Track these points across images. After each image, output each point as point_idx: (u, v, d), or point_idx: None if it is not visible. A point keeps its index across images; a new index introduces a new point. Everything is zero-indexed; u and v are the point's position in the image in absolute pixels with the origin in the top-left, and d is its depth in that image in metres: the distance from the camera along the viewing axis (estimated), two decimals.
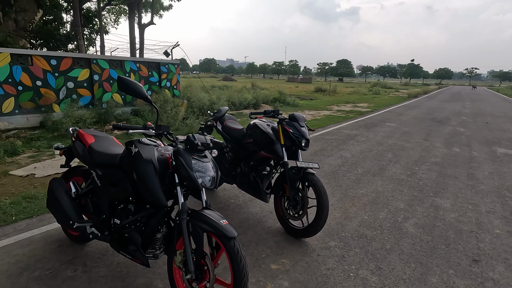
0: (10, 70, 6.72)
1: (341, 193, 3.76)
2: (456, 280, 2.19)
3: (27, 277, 2.07)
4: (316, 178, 2.56)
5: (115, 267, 2.22)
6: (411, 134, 7.94)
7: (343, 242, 2.65)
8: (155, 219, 1.86)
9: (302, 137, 2.67)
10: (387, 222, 3.04)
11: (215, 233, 1.63)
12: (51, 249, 2.42)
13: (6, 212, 3.02)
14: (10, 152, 5.06)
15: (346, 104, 15.87)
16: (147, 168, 1.73)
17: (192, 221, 1.68)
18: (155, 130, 1.81)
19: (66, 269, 2.18)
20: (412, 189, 3.98)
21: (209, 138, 1.88)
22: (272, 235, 2.74)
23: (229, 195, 3.64)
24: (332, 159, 5.26)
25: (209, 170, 1.78)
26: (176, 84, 10.59)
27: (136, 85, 1.76)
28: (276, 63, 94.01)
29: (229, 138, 3.30)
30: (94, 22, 13.98)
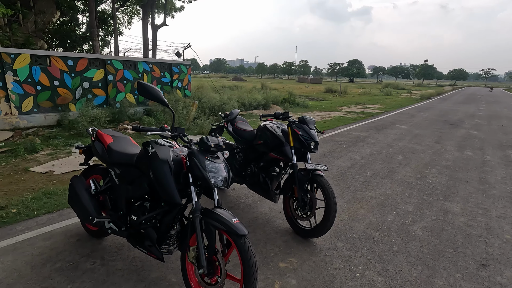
0: (30, 70, 6.99)
1: (350, 195, 3.80)
2: (463, 284, 2.21)
3: (50, 268, 2.21)
4: (325, 180, 2.62)
5: (131, 261, 2.33)
6: (423, 136, 7.86)
7: (350, 243, 2.70)
8: (170, 217, 1.97)
9: (311, 139, 2.73)
10: (395, 225, 3.06)
11: (226, 230, 1.71)
12: (71, 242, 2.55)
13: (28, 207, 3.19)
14: (29, 150, 5.29)
15: (356, 105, 15.75)
16: (163, 168, 1.83)
17: (205, 219, 1.77)
18: (171, 132, 1.91)
19: (85, 261, 2.30)
20: (422, 192, 3.98)
21: (222, 140, 1.97)
22: (281, 235, 2.81)
23: (239, 194, 3.73)
24: (341, 161, 5.29)
25: (221, 170, 1.87)
26: (187, 85, 10.77)
27: (154, 90, 1.87)
28: (286, 63, 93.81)
29: (240, 139, 3.39)
30: (109, 24, 14.34)
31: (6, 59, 6.62)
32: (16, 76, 6.81)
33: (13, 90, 6.80)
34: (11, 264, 2.23)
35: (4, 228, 2.74)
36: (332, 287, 2.12)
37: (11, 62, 6.69)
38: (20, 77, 6.86)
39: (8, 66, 6.66)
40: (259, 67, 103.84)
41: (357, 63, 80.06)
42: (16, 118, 6.95)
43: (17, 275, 2.12)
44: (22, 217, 2.96)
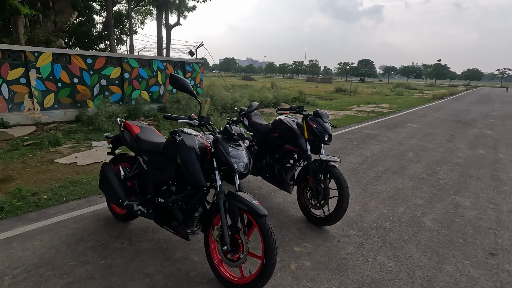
0: (52, 68, 7.31)
1: (361, 189, 3.90)
2: (471, 270, 2.30)
3: (83, 246, 2.41)
4: (338, 170, 2.74)
5: (156, 242, 2.51)
6: (434, 135, 7.85)
7: (362, 231, 2.81)
8: (195, 199, 2.13)
9: (325, 132, 2.86)
10: (406, 216, 3.16)
11: (248, 211, 1.86)
12: (100, 225, 2.76)
13: (57, 193, 3.42)
14: (53, 143, 5.57)
15: (367, 105, 15.70)
16: (190, 154, 1.99)
17: (228, 201, 1.93)
18: (198, 120, 2.07)
19: (114, 242, 2.50)
20: (432, 187, 4.05)
21: (243, 130, 2.13)
22: (295, 223, 2.95)
23: (253, 186, 3.88)
24: (352, 157, 5.38)
25: (243, 157, 2.02)
26: (200, 83, 10.99)
27: (185, 82, 2.03)
28: (296, 62, 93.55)
29: (255, 132, 3.54)
30: (124, 23, 14.72)
31: (30, 57, 6.95)
32: (39, 73, 7.14)
33: (36, 87, 7.14)
34: (49, 242, 2.44)
35: (38, 212, 2.97)
36: (345, 269, 2.25)
37: (34, 60, 7.02)
38: (42, 74, 7.19)
39: (32, 64, 7.00)
40: (268, 66, 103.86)
41: (367, 62, 79.18)
42: (39, 113, 7.29)
43: (55, 251, 2.32)
44: (53, 202, 3.19)
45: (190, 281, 2.07)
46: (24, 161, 4.63)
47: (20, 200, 3.15)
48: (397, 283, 2.12)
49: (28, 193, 3.34)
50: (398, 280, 2.15)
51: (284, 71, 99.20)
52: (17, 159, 4.67)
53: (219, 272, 2.03)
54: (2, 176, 3.99)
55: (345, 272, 2.22)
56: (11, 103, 6.88)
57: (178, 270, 2.17)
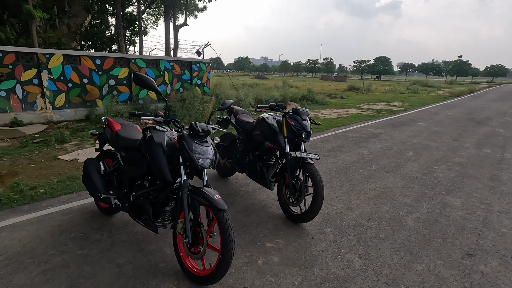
0: (62, 69, 7.66)
1: (349, 187, 3.87)
2: (442, 270, 2.26)
3: (65, 237, 2.55)
4: (314, 167, 2.74)
5: (134, 235, 2.62)
6: (441, 134, 7.60)
7: (338, 229, 2.81)
8: (164, 194, 2.22)
9: (303, 129, 2.87)
10: (388, 215, 3.12)
11: (208, 205, 1.92)
12: (85, 217, 2.90)
13: (53, 188, 3.61)
14: (59, 140, 5.85)
15: (378, 103, 15.37)
16: (157, 150, 2.08)
17: (191, 195, 2.00)
18: (163, 117, 2.15)
19: (95, 233, 2.63)
20: (424, 186, 3.95)
21: (210, 126, 2.18)
22: (273, 219, 2.98)
23: (240, 183, 3.93)
24: (348, 156, 5.32)
25: (208, 153, 2.08)
26: (206, 82, 11.14)
27: (149, 80, 2.11)
28: (310, 61, 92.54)
29: (241, 130, 3.59)
30: (136, 25, 15.13)
31: (42, 58, 7.31)
32: (50, 74, 7.49)
33: (48, 87, 7.50)
34: (35, 232, 2.60)
35: (32, 204, 3.16)
36: (311, 265, 2.26)
37: (46, 61, 7.38)
38: (54, 75, 7.54)
39: (44, 65, 7.35)
40: (282, 65, 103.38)
41: (384, 60, 77.12)
42: (50, 112, 7.65)
43: (38, 241, 2.48)
44: (47, 196, 3.38)
45: (157, 272, 2.15)
46: (30, 157, 4.90)
47: (18, 193, 3.36)
48: (361, 280, 2.11)
49: (26, 187, 3.55)
50: (363, 278, 2.14)
51: (298, 70, 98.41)
52: (24, 156, 4.94)
53: (184, 264, 2.11)
54: (7, 170, 4.25)
55: (311, 268, 2.23)
56: (25, 103, 7.26)
57: (148, 261, 2.26)
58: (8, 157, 4.85)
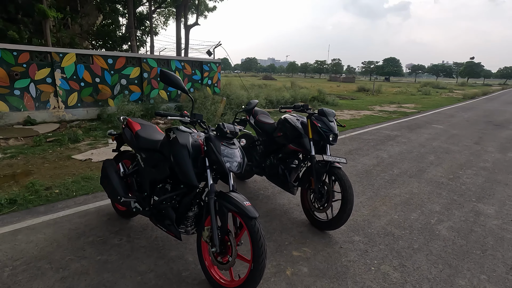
0: (75, 68, 7.65)
1: (372, 192, 3.70)
2: (488, 286, 2.08)
3: (83, 241, 2.45)
4: (342, 172, 2.59)
5: (153, 240, 2.51)
6: (460, 137, 7.35)
7: (367, 238, 2.65)
8: (188, 198, 2.09)
9: (330, 131, 2.72)
10: (418, 223, 2.94)
11: (238, 212, 1.79)
12: (102, 220, 2.80)
13: (69, 188, 3.53)
14: (73, 140, 5.81)
15: (390, 105, 15.08)
16: (182, 152, 1.95)
17: (219, 201, 1.86)
18: (190, 118, 2.03)
19: (113, 238, 2.52)
20: (452, 192, 3.76)
21: (238, 128, 2.05)
22: (297, 226, 2.83)
23: (259, 186, 3.80)
24: (367, 159, 5.14)
25: (236, 156, 1.95)
26: (217, 82, 11.06)
27: (175, 78, 1.99)
28: (318, 62, 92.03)
29: (261, 131, 3.45)
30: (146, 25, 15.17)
31: (56, 58, 7.31)
32: (63, 73, 7.49)
33: (61, 86, 7.49)
34: (52, 235, 2.51)
35: (47, 205, 3.08)
36: (344, 278, 2.11)
37: (59, 60, 7.37)
38: (67, 74, 7.53)
39: (57, 64, 7.35)
40: (289, 66, 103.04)
41: (393, 61, 76.18)
42: (63, 111, 7.65)
43: (56, 245, 2.38)
44: (62, 197, 3.29)
45: (181, 281, 2.03)
46: (44, 156, 4.85)
47: (33, 194, 3.28)
48: None
49: (41, 187, 3.47)
50: None
51: (306, 71, 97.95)
52: (38, 155, 4.90)
53: (210, 274, 1.98)
54: (22, 170, 4.20)
55: (344, 281, 2.08)
56: (38, 102, 7.27)
57: (171, 269, 2.14)
58: (22, 156, 4.81)
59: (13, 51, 6.77)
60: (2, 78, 6.70)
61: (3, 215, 2.83)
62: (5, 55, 6.67)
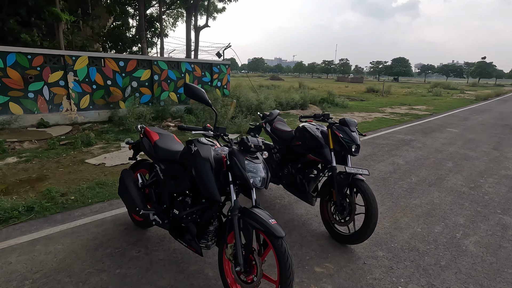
0: (87, 71, 7.70)
1: (392, 202, 3.59)
2: None
3: (101, 253, 2.42)
4: (366, 185, 2.51)
5: (172, 252, 2.46)
6: (477, 142, 7.15)
7: (391, 253, 2.56)
8: (209, 213, 2.04)
9: (353, 142, 2.64)
10: (443, 237, 2.83)
11: (264, 231, 1.73)
12: (119, 230, 2.77)
13: (84, 195, 3.52)
14: (85, 143, 5.83)
15: (401, 106, 14.84)
16: (204, 166, 1.90)
17: (243, 218, 1.80)
18: (213, 131, 1.97)
19: (131, 249, 2.48)
20: (475, 203, 3.63)
21: (261, 140, 1.99)
22: (317, 238, 2.76)
23: (275, 195, 3.73)
24: (382, 165, 5.02)
25: (260, 171, 1.89)
26: (226, 84, 11.03)
27: (200, 91, 1.94)
28: (325, 62, 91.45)
29: (278, 139, 3.39)
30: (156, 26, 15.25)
31: (69, 60, 7.36)
32: (76, 76, 7.54)
33: (73, 88, 7.55)
34: (70, 246, 2.48)
35: (64, 213, 3.06)
36: None
37: (72, 63, 7.43)
38: (79, 77, 7.59)
39: (70, 67, 7.40)
40: (297, 66, 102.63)
41: (402, 61, 75.19)
42: (75, 114, 7.70)
43: (74, 256, 2.35)
44: (79, 204, 3.28)
45: None
46: (58, 160, 4.88)
47: (50, 201, 3.28)
48: None
49: (57, 193, 3.46)
50: None
51: (313, 71, 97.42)
52: (52, 158, 4.93)
53: None
54: (37, 174, 4.22)
55: None
56: (51, 104, 7.33)
57: (191, 285, 2.09)
58: (37, 159, 4.84)
59: (28, 54, 6.84)
60: (17, 81, 6.77)
61: (21, 223, 2.83)
62: (20, 58, 6.75)
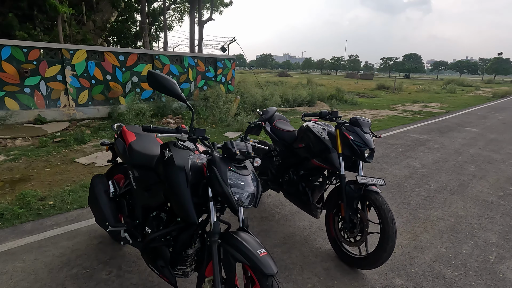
0: (86, 65, 7.40)
1: (409, 213, 3.13)
2: None
3: (65, 274, 2.06)
4: (382, 198, 2.07)
5: (147, 275, 2.08)
6: (501, 142, 6.55)
7: (412, 281, 2.12)
8: (186, 234, 1.64)
9: (366, 146, 2.20)
10: (474, 261, 2.37)
11: (249, 265, 1.32)
12: (93, 245, 2.41)
13: (64, 200, 3.19)
14: (79, 141, 5.52)
15: (413, 104, 14.16)
16: (178, 177, 1.50)
17: (224, 246, 1.40)
18: (188, 134, 1.57)
19: (102, 270, 2.12)
20: (508, 216, 3.13)
21: (250, 145, 1.58)
22: (321, 259, 2.34)
23: (275, 203, 3.32)
24: (396, 169, 4.54)
25: (248, 185, 1.47)
26: (231, 80, 10.62)
27: (168, 81, 1.54)
28: (335, 58, 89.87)
29: (278, 140, 2.96)
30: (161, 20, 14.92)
31: (66, 54, 7.07)
32: (74, 70, 7.25)
33: (71, 83, 7.27)
34: (31, 264, 2.13)
35: (36, 222, 2.73)
36: None
37: (70, 57, 7.14)
38: (77, 71, 7.30)
39: (68, 61, 7.12)
40: (305, 62, 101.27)
41: (414, 57, 73.13)
42: (74, 110, 7.43)
43: (33, 278, 2.00)
44: (55, 211, 2.94)
45: None
46: (47, 159, 4.58)
47: (24, 207, 2.95)
48: None
49: (34, 198, 3.13)
50: None
51: (322, 67, 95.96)
52: (41, 157, 4.63)
53: None
54: (21, 175, 3.91)
55: None
56: (49, 100, 7.07)
57: None
58: (25, 158, 4.55)
59: (23, 47, 6.58)
60: (12, 76, 6.52)
61: None
62: (15, 52, 6.48)
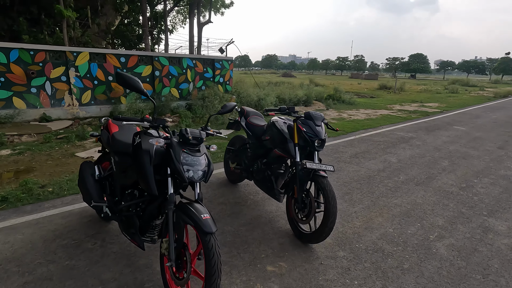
0: (89, 66, 7.85)
1: (371, 201, 3.44)
2: None
3: (57, 244, 2.43)
4: (326, 181, 2.39)
5: (127, 246, 2.44)
6: (483, 140, 6.77)
7: (353, 253, 2.43)
8: (152, 206, 1.99)
9: (316, 136, 2.52)
10: (415, 239, 2.67)
11: (194, 226, 1.67)
12: (83, 222, 2.78)
13: (62, 187, 3.58)
14: (80, 137, 5.95)
15: (411, 104, 14.32)
16: (143, 158, 1.85)
17: (177, 212, 1.75)
18: (151, 122, 1.92)
19: (88, 241, 2.49)
20: (461, 204, 3.41)
21: (204, 133, 1.92)
22: (279, 236, 2.67)
23: (250, 191, 3.65)
24: (372, 163, 4.83)
25: (200, 164, 1.82)
26: (229, 80, 10.98)
27: (133, 80, 1.89)
28: (340, 58, 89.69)
29: (251, 134, 3.31)
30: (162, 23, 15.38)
31: (70, 56, 7.52)
32: (77, 71, 7.71)
33: (75, 84, 7.72)
34: (29, 237, 2.52)
35: (35, 204, 3.12)
36: None
37: (73, 59, 7.59)
38: (80, 72, 7.75)
39: (71, 63, 7.57)
40: (310, 62, 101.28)
41: (420, 57, 72.56)
42: (77, 109, 7.88)
43: (30, 247, 2.38)
44: (53, 196, 3.33)
45: None
46: (49, 153, 4.99)
47: (26, 192, 3.34)
48: None
49: (35, 185, 3.53)
50: None
51: (327, 67, 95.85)
52: (44, 152, 5.05)
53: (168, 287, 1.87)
54: (25, 166, 4.33)
55: None
56: (54, 99, 7.53)
57: (135, 279, 2.06)
58: (29, 152, 4.97)
59: (30, 50, 7.04)
60: (20, 77, 6.99)
61: None
62: (23, 54, 6.95)
